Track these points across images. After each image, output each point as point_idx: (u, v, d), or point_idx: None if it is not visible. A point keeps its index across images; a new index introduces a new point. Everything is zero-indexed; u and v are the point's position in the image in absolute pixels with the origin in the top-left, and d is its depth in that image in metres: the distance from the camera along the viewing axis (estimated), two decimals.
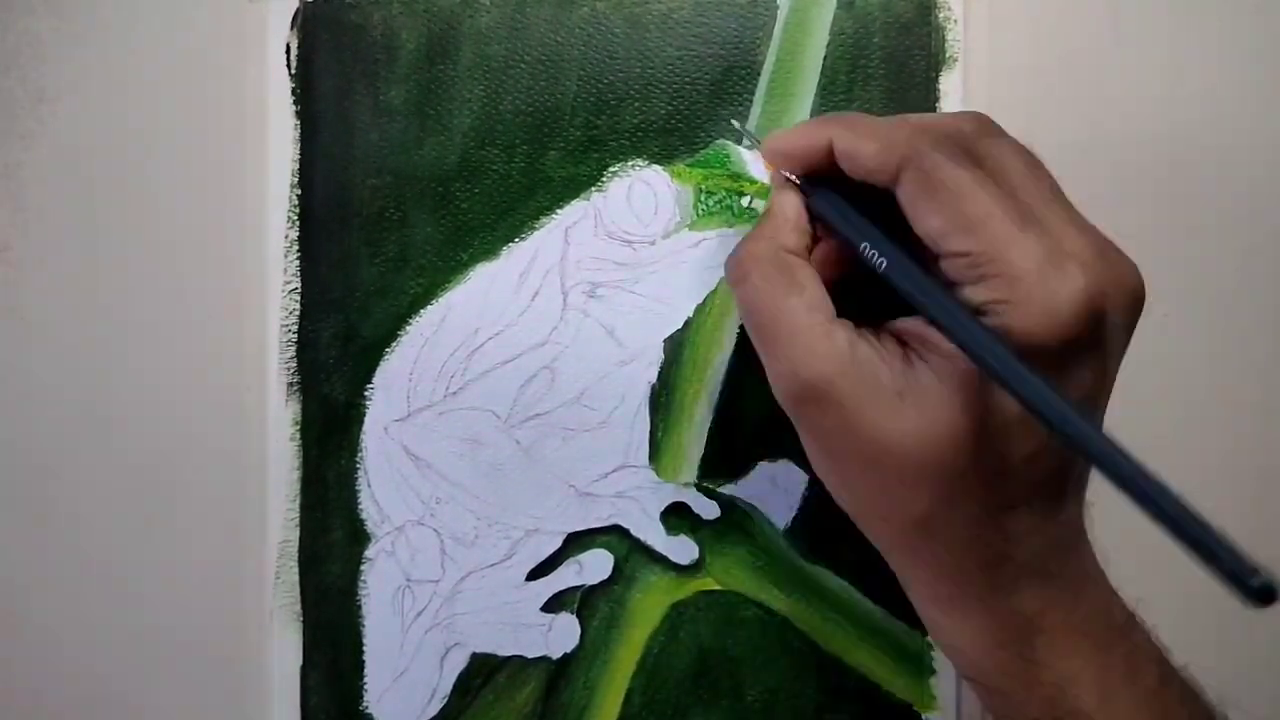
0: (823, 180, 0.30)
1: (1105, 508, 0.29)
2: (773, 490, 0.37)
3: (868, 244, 0.29)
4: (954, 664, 0.31)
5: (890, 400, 0.27)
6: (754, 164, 0.37)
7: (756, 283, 0.29)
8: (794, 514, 0.37)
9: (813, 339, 0.28)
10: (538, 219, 0.37)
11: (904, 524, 0.28)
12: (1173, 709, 0.28)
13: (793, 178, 0.31)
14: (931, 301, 0.27)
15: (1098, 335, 0.26)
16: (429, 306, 0.37)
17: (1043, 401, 0.24)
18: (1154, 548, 0.25)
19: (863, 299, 0.29)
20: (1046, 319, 0.25)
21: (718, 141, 0.37)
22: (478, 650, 0.37)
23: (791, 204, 0.31)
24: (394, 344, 0.37)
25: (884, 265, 0.28)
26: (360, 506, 0.37)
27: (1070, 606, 0.28)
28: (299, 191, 0.37)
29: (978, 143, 0.28)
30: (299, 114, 0.37)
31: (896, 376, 0.27)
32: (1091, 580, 0.29)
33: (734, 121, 0.36)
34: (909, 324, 0.29)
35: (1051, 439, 0.27)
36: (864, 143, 0.28)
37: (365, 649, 0.37)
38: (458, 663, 0.37)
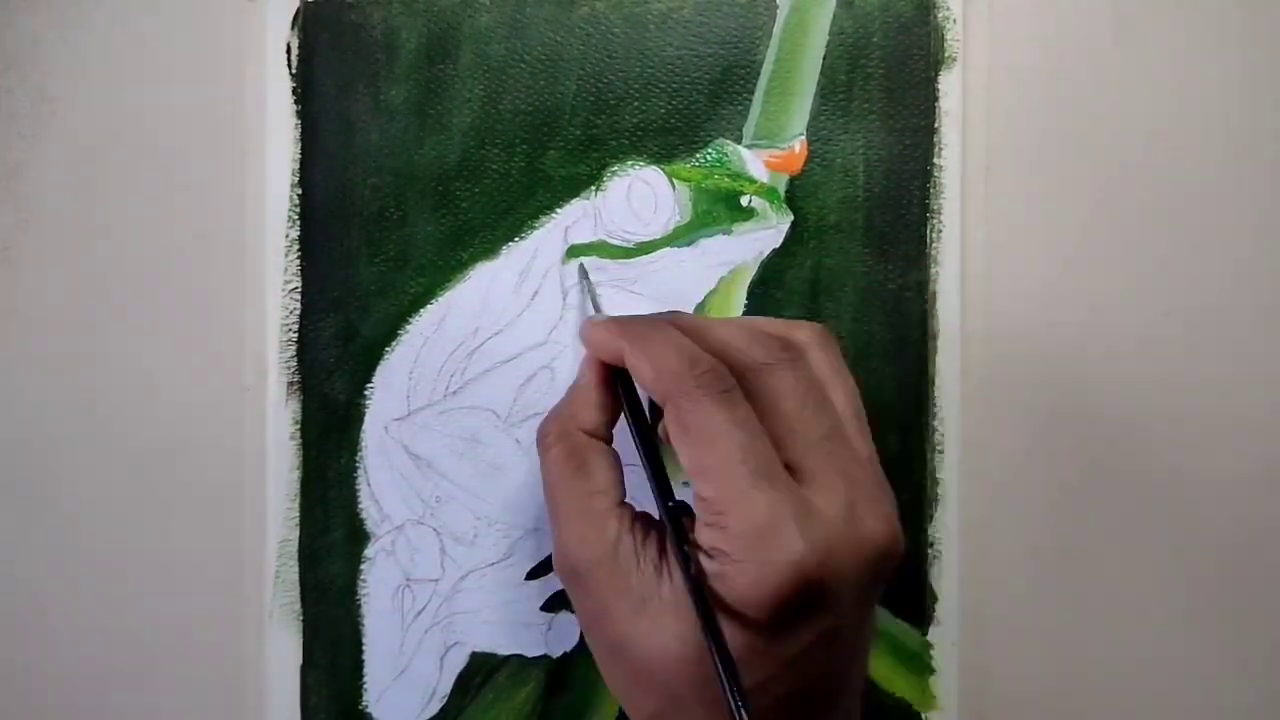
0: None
1: None
2: None
3: (638, 439, 0.30)
4: None
5: (634, 603, 0.28)
6: (754, 163, 0.37)
7: (549, 459, 0.31)
8: None
9: (583, 524, 0.29)
10: (537, 218, 0.37)
11: (638, 715, 0.29)
12: None
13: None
14: (669, 524, 0.28)
15: (815, 601, 0.26)
16: (429, 306, 0.37)
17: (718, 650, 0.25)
18: None
19: None
20: (754, 583, 0.26)
21: (717, 141, 0.37)
22: (477, 649, 0.37)
23: (594, 383, 0.32)
24: (394, 343, 0.37)
25: (647, 470, 0.30)
26: (360, 505, 0.37)
27: None
28: (299, 191, 0.37)
29: (758, 377, 0.29)
30: (299, 113, 0.37)
31: (645, 582, 0.28)
32: None
33: (586, 284, 0.37)
34: (685, 520, 0.29)
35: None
36: (642, 364, 0.29)
37: (365, 648, 0.37)
38: (457, 662, 0.37)
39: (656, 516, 0.30)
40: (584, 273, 0.37)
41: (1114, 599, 0.38)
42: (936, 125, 0.37)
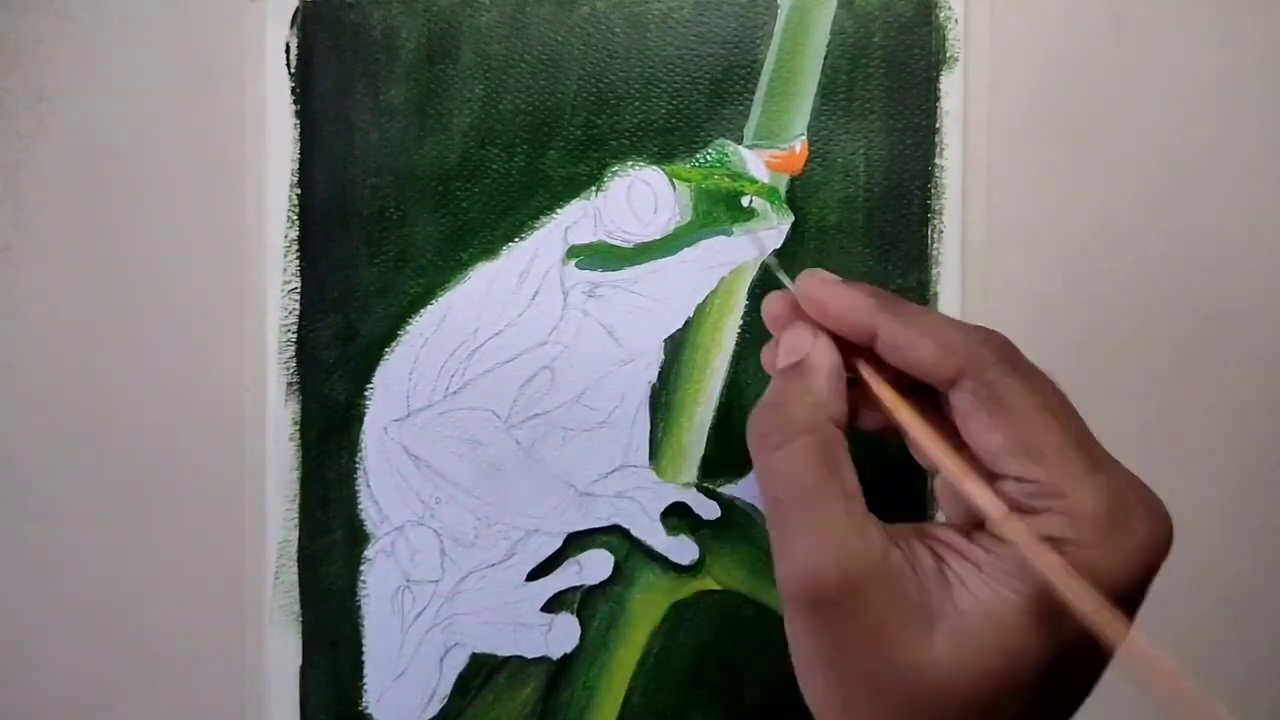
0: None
1: None
2: None
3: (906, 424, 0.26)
4: None
5: (920, 623, 0.24)
6: (754, 164, 0.37)
7: (796, 453, 0.26)
8: None
9: (846, 533, 0.24)
10: (537, 218, 0.37)
11: None
12: None
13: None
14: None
15: (1145, 589, 0.25)
16: (429, 306, 0.37)
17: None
18: None
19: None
20: (1113, 569, 0.24)
21: (718, 141, 0.37)
22: (477, 650, 0.37)
23: (834, 363, 0.27)
24: (394, 344, 0.37)
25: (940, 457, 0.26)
26: (360, 506, 0.37)
27: None
28: (298, 191, 0.37)
29: (1020, 365, 0.26)
30: (298, 113, 0.37)
31: (931, 596, 0.24)
32: None
33: (770, 260, 0.35)
34: (943, 533, 0.26)
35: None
36: (920, 341, 0.26)
37: (365, 649, 0.37)
38: (457, 663, 0.37)
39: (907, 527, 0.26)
40: (728, 229, 0.36)
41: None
42: (937, 125, 0.37)
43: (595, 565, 0.37)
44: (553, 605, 0.37)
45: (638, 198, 0.37)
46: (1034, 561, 0.23)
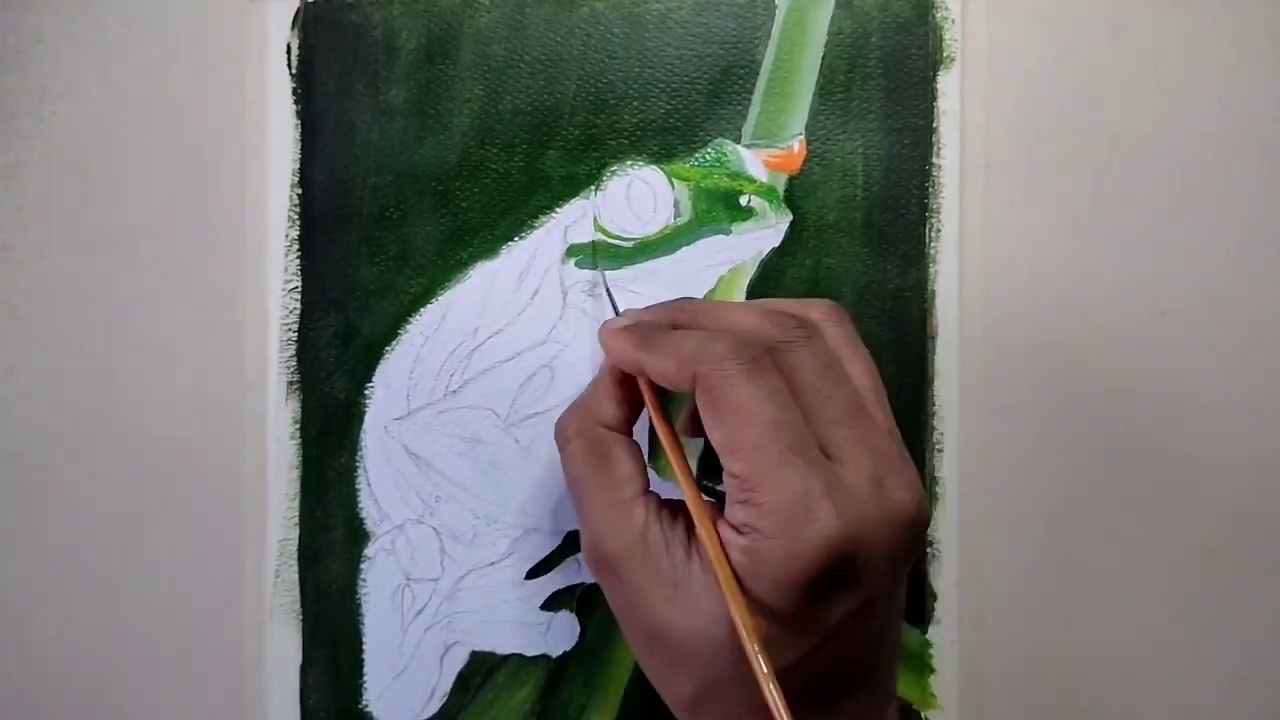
0: None
1: None
2: None
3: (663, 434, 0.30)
4: None
5: (666, 589, 0.28)
6: (753, 163, 0.37)
7: (570, 453, 0.31)
8: None
9: (610, 515, 0.30)
10: (537, 218, 0.37)
11: (674, 700, 0.30)
12: None
13: None
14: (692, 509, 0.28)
15: (848, 574, 0.26)
16: (429, 305, 0.37)
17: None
18: None
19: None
20: (789, 559, 0.26)
21: (716, 141, 0.37)
22: (477, 648, 0.37)
23: (612, 381, 0.32)
24: (394, 342, 0.37)
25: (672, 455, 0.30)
26: (360, 505, 0.37)
27: None
28: (299, 191, 0.37)
29: (778, 353, 0.28)
30: (299, 114, 0.37)
31: (676, 567, 0.28)
32: None
33: (597, 273, 0.37)
34: (711, 507, 0.29)
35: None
36: (665, 362, 0.29)
37: (365, 647, 0.37)
38: (457, 661, 0.37)
39: (680, 506, 0.30)
40: (603, 277, 0.37)
41: (1114, 597, 0.38)
42: (935, 125, 0.37)
43: None
44: (552, 603, 0.37)
45: (637, 197, 0.37)
46: (715, 569, 0.27)
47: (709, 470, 0.37)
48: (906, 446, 0.29)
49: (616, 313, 0.36)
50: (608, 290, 0.37)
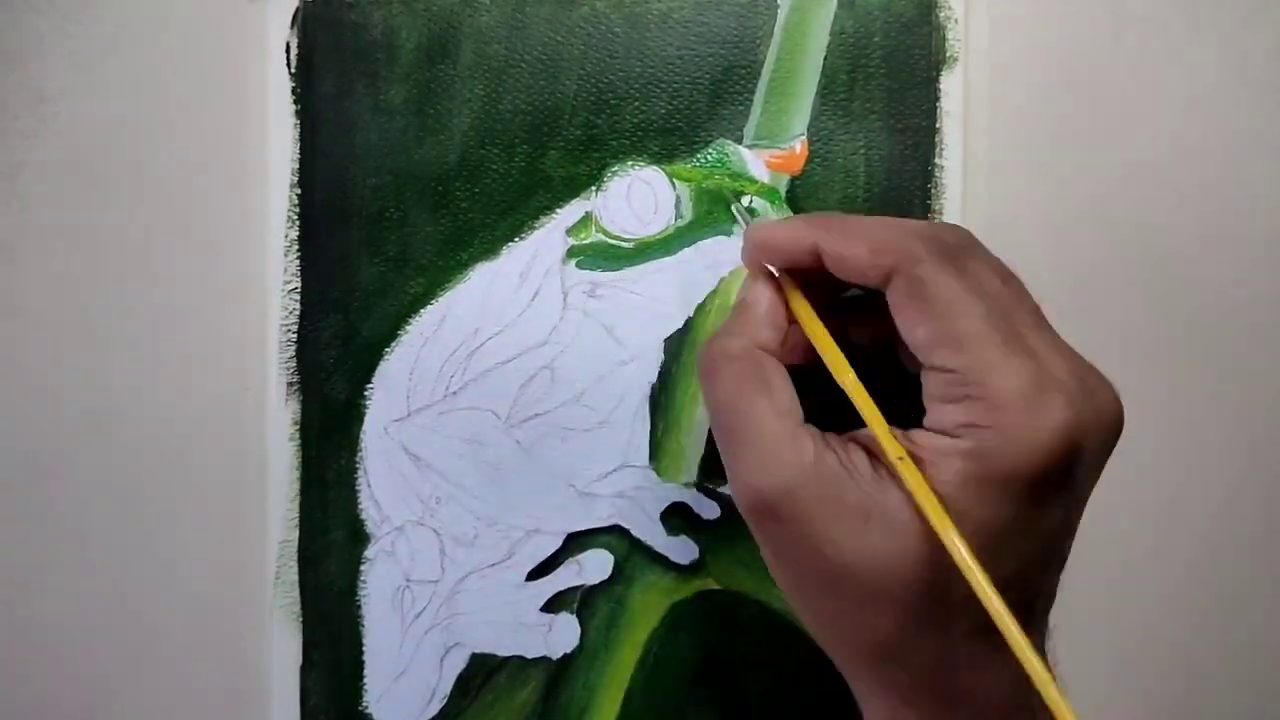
0: (801, 273, 0.30)
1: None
2: None
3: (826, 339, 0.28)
4: None
5: (854, 519, 0.26)
6: (754, 164, 0.37)
7: (726, 379, 0.28)
8: None
9: (779, 445, 0.26)
10: (537, 218, 0.37)
11: (863, 647, 0.27)
12: None
13: (772, 269, 0.30)
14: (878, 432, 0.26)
15: (1073, 470, 0.25)
16: (429, 306, 0.37)
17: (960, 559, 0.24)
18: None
19: (832, 400, 0.28)
20: (1027, 451, 0.24)
21: (718, 141, 0.37)
22: (477, 650, 0.37)
23: (767, 298, 0.29)
24: (394, 343, 0.37)
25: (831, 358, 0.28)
26: (360, 506, 0.37)
27: None
28: (299, 191, 0.37)
29: (962, 256, 0.27)
30: (299, 113, 0.37)
31: (863, 494, 0.26)
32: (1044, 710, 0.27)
33: (735, 204, 0.36)
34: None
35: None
36: (853, 245, 0.27)
37: (365, 649, 0.37)
38: (457, 663, 0.37)
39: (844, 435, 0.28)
40: (735, 196, 0.36)
41: (1114, 596, 0.38)
42: (938, 125, 0.37)
43: (595, 565, 0.37)
44: (553, 605, 0.37)
45: (638, 198, 0.37)
46: (922, 505, 0.25)
47: (709, 471, 0.37)
48: None
49: (748, 224, 0.34)
50: (742, 209, 0.35)
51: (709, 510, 0.37)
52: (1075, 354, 0.27)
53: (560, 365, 0.37)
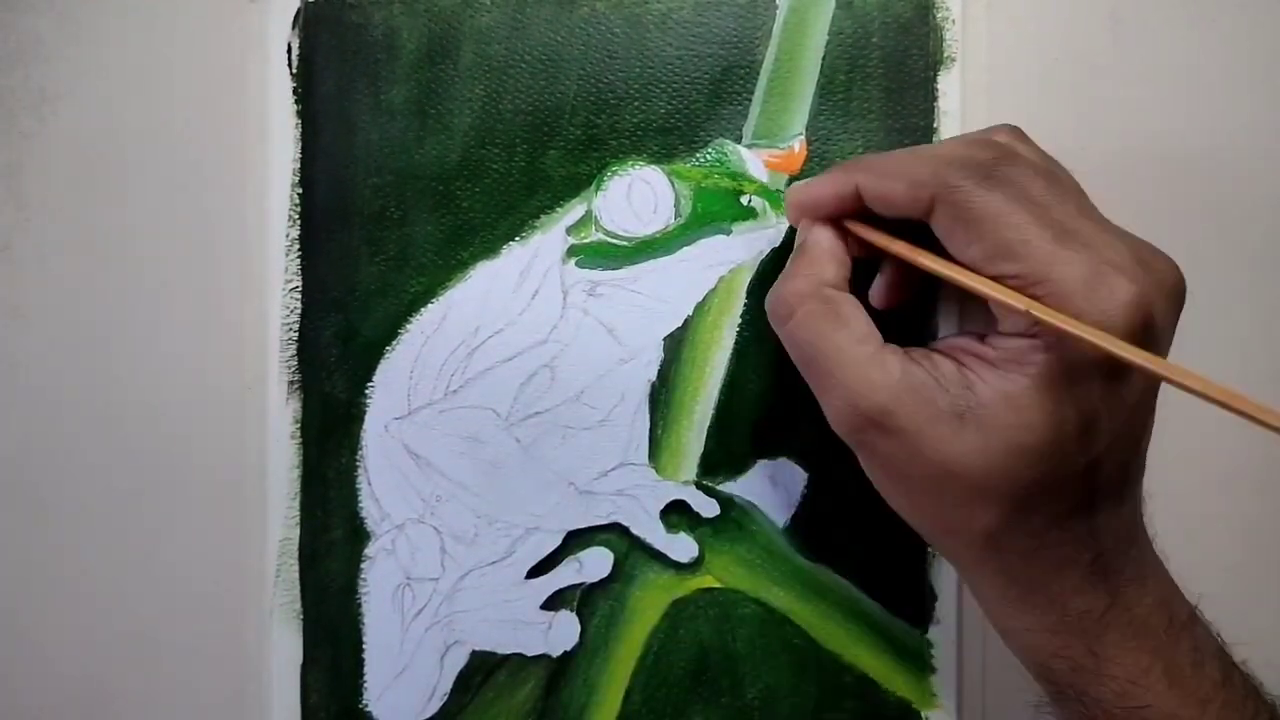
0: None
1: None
2: (772, 488, 0.37)
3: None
4: (1024, 664, 0.31)
5: (950, 422, 0.27)
6: (753, 163, 0.37)
7: (802, 319, 0.30)
8: (793, 511, 0.37)
9: (865, 369, 0.28)
10: (538, 218, 0.37)
11: (972, 539, 0.29)
12: (1235, 701, 0.29)
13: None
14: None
15: (1148, 340, 0.27)
16: (429, 305, 0.37)
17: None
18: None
19: (906, 328, 0.30)
20: (1103, 327, 0.26)
21: (717, 141, 0.37)
22: (478, 648, 0.37)
23: (827, 238, 0.31)
24: (394, 342, 0.37)
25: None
26: (360, 504, 0.37)
27: (1135, 602, 0.29)
28: (300, 190, 0.37)
29: (997, 169, 0.28)
30: (300, 113, 0.37)
31: (954, 398, 0.27)
32: (1154, 575, 0.30)
33: (727, 232, 0.37)
34: (960, 341, 0.29)
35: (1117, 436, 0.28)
36: (891, 183, 0.29)
37: (365, 647, 0.37)
38: (458, 661, 0.37)
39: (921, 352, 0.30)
40: (727, 228, 0.37)
41: None
42: (935, 125, 0.37)
43: (595, 563, 0.37)
44: (553, 603, 0.37)
45: (638, 197, 0.37)
46: (1060, 325, 0.26)
47: (710, 469, 0.37)
48: None
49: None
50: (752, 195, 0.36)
51: (709, 508, 0.37)
52: (1125, 233, 0.28)
53: (560, 364, 0.37)
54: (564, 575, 0.37)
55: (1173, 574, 0.31)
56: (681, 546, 0.37)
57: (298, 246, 0.37)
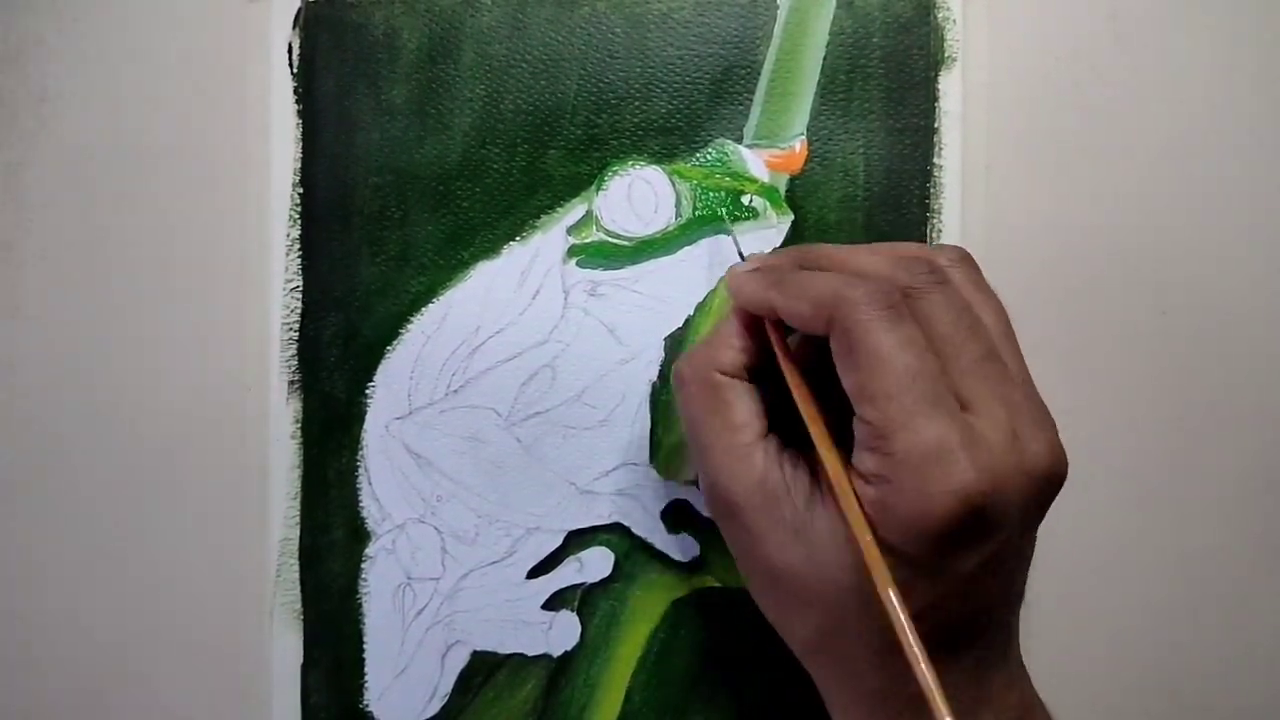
0: None
1: None
2: None
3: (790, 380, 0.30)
4: None
5: (787, 534, 0.28)
6: (754, 163, 0.37)
7: (687, 397, 0.31)
8: None
9: (730, 459, 0.29)
10: (538, 217, 0.37)
11: (799, 642, 0.30)
12: None
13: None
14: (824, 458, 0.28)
15: (980, 527, 0.26)
16: (430, 305, 0.37)
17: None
18: None
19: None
20: (920, 512, 0.26)
21: (718, 141, 0.37)
22: (478, 648, 0.37)
23: (734, 328, 0.31)
24: (395, 342, 0.37)
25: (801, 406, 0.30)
26: (361, 504, 0.37)
27: None
28: (300, 190, 0.37)
29: (910, 299, 0.28)
30: (301, 113, 0.37)
31: (797, 513, 0.28)
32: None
33: (727, 232, 0.37)
34: (831, 461, 0.29)
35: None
36: (798, 304, 0.29)
37: (366, 647, 0.37)
38: (458, 661, 0.37)
39: (802, 453, 0.30)
40: (728, 228, 0.36)
41: (1115, 595, 0.38)
42: (936, 125, 0.37)
43: (596, 563, 0.37)
44: (553, 603, 0.37)
45: (638, 197, 0.37)
46: (848, 515, 0.27)
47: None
48: None
49: (742, 259, 0.35)
50: (734, 240, 0.36)
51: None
52: (1023, 396, 0.28)
53: (561, 364, 0.37)
54: (565, 575, 0.37)
55: None
56: (682, 546, 0.37)
57: (298, 246, 0.37)
